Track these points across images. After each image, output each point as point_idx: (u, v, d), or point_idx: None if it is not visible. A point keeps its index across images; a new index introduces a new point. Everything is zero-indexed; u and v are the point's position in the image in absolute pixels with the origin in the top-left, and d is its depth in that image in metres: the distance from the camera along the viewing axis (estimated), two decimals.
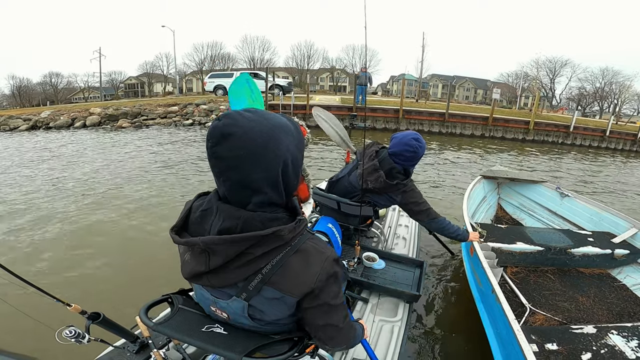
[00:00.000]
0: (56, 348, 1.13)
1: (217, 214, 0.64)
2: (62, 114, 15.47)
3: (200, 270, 0.65)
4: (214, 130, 0.60)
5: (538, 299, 2.24)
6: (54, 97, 41.39)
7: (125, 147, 9.23)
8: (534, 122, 12.60)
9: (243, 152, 0.59)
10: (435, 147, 10.20)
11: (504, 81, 44.34)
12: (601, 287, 2.42)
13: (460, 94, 51.98)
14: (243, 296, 0.67)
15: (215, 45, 40.81)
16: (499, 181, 3.79)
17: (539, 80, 39.37)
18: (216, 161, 0.61)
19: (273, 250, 0.64)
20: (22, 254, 3.43)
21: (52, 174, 6.45)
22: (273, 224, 0.63)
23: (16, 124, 14.54)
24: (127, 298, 2.44)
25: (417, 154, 1.76)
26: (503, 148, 11.01)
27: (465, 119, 12.82)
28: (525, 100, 39.83)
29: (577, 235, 2.77)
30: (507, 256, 2.52)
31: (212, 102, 14.58)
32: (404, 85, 13.25)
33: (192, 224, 0.68)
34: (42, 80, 43.18)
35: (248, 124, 0.59)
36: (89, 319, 1.05)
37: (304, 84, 44.47)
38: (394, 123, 12.57)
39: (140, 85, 45.92)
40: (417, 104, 16.22)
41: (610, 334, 1.67)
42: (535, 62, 38.69)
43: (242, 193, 0.63)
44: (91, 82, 42.90)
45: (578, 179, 7.65)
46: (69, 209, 4.59)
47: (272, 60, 42.84)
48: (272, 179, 0.63)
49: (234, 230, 0.61)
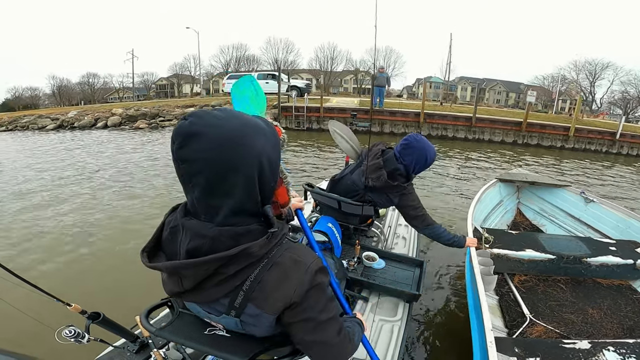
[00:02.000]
0: (56, 348, 1.13)
1: (184, 232, 0.60)
2: (87, 114, 15.98)
3: (178, 291, 0.62)
4: (179, 130, 0.54)
5: (542, 310, 2.10)
6: (91, 97, 43.76)
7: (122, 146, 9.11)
8: (575, 128, 11.30)
9: (213, 153, 0.53)
10: (457, 155, 9.31)
11: (539, 84, 41.83)
12: (617, 299, 2.23)
13: (491, 97, 49.69)
14: (232, 313, 0.65)
15: (241, 47, 41.57)
16: (519, 185, 3.59)
17: (577, 84, 36.89)
18: (183, 165, 0.55)
19: (247, 267, 0.60)
20: (19, 252, 3.42)
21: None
22: (244, 239, 0.58)
23: (44, 123, 15.19)
24: (127, 298, 2.44)
25: (411, 145, 1.75)
26: (540, 157, 9.88)
27: (495, 124, 11.68)
28: (562, 104, 37.42)
29: (597, 244, 2.56)
30: (515, 264, 2.39)
31: (229, 104, 14.39)
32: (426, 86, 12.32)
33: (165, 242, 0.64)
34: (81, 80, 45.79)
35: (217, 122, 0.54)
36: (89, 318, 1.05)
37: (327, 86, 44.80)
38: (415, 127, 11.66)
39: (170, 86, 47.58)
40: (441, 107, 15.16)
41: (605, 350, 1.52)
42: (574, 65, 36.32)
43: (212, 201, 0.57)
44: (125, 83, 45.00)
45: (630, 194, 6.54)
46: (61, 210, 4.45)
47: (296, 61, 43.09)
48: (246, 183, 0.57)
49: (201, 250, 0.57)
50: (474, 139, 11.72)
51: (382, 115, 11.56)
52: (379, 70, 11.16)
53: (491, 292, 2.25)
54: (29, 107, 36.83)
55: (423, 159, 1.75)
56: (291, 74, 35.42)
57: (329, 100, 15.19)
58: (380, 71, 11.10)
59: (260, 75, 15.88)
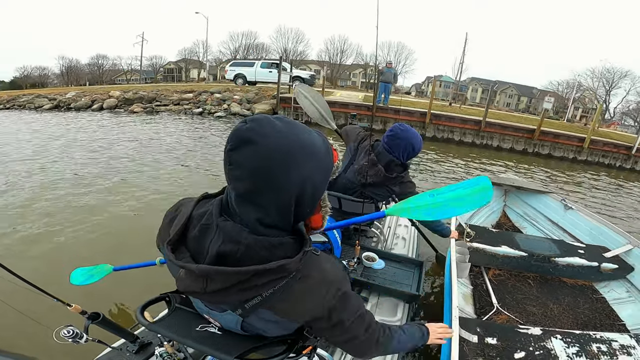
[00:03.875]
0: (56, 348, 1.12)
1: (217, 232, 0.59)
2: (85, 95, 15.59)
3: (196, 290, 0.60)
4: (235, 133, 0.55)
5: (509, 301, 2.30)
6: (99, 78, 43.41)
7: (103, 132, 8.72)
8: (590, 140, 10.64)
9: (257, 165, 0.53)
10: (460, 162, 8.75)
11: (552, 89, 40.71)
12: (578, 297, 2.43)
13: (502, 100, 48.63)
14: (238, 312, 0.65)
15: (250, 35, 40.83)
16: (506, 188, 3.83)
17: (593, 92, 35.86)
18: (230, 167, 0.56)
19: (278, 279, 0.59)
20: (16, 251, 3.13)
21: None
22: (277, 251, 0.58)
23: (41, 103, 14.90)
24: (128, 297, 2.39)
25: (398, 136, 1.79)
26: (552, 168, 9.28)
27: (506, 130, 11.02)
28: (574, 111, 36.46)
29: (567, 246, 2.77)
30: (491, 258, 2.59)
31: (228, 91, 13.86)
32: (435, 85, 11.61)
33: (190, 238, 0.62)
34: (90, 61, 45.43)
35: (274, 133, 0.54)
36: (89, 319, 1.07)
37: (335, 78, 43.98)
38: (420, 128, 11.02)
39: (178, 70, 47.10)
40: (450, 108, 14.43)
41: (553, 337, 1.70)
42: (591, 72, 35.13)
43: (246, 209, 0.57)
44: (134, 65, 44.64)
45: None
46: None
47: (305, 52, 42.41)
48: (282, 204, 0.57)
49: (234, 256, 0.57)
50: (481, 144, 11.10)
51: (386, 113, 10.92)
52: (386, 64, 10.46)
53: (465, 279, 2.45)
54: (36, 85, 36.64)
55: (410, 147, 1.81)
56: (299, 65, 35.18)
57: (332, 93, 14.59)
58: (388, 66, 10.38)
59: (263, 64, 15.29)
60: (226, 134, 8.86)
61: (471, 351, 1.59)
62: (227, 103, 12.83)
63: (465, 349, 1.60)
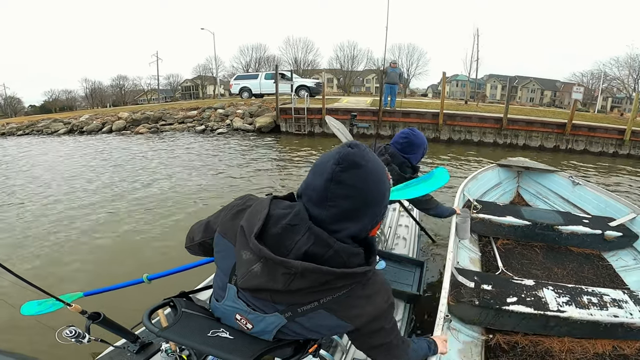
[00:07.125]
0: (57, 348, 1.09)
1: (307, 234, 0.62)
2: (97, 117, 15.90)
3: (271, 288, 0.62)
4: (347, 156, 0.60)
5: (514, 265, 2.42)
6: (122, 98, 45.18)
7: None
8: (631, 132, 9.34)
9: (366, 184, 0.61)
10: (476, 165, 7.78)
11: (577, 81, 38.24)
12: (583, 263, 2.47)
13: (524, 95, 46.25)
14: (286, 315, 0.67)
15: (260, 48, 41.17)
16: (519, 170, 3.95)
17: (620, 80, 33.35)
18: (334, 185, 0.60)
19: (351, 283, 0.65)
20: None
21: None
22: (354, 259, 0.64)
23: (57, 128, 15.39)
24: (128, 297, 2.38)
25: (411, 141, 1.89)
26: (589, 166, 8.11)
27: (532, 126, 9.88)
28: (602, 102, 34.02)
29: (573, 217, 2.85)
30: (497, 228, 2.72)
31: (232, 106, 13.57)
32: (445, 83, 10.66)
33: (269, 235, 0.64)
34: (112, 82, 47.45)
35: (373, 159, 0.63)
36: (89, 318, 1.06)
37: (349, 85, 43.52)
38: (433, 131, 10.14)
39: (195, 88, 48.26)
40: (466, 106, 13.36)
41: (545, 288, 1.80)
42: (615, 60, 32.73)
43: (343, 223, 0.62)
44: (153, 85, 46.05)
45: None
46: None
47: (316, 61, 42.17)
48: (374, 216, 0.65)
49: (321, 257, 0.61)
50: (504, 143, 10.00)
51: (393, 117, 10.12)
52: (390, 64, 9.67)
53: (473, 246, 2.63)
54: (65, 109, 38.55)
55: (422, 151, 1.94)
56: (311, 74, 34.89)
57: (338, 100, 13.95)
58: (392, 66, 9.56)
59: (268, 75, 14.98)
60: (225, 150, 8.58)
61: (467, 293, 1.75)
62: (229, 118, 12.51)
63: (462, 291, 1.76)
